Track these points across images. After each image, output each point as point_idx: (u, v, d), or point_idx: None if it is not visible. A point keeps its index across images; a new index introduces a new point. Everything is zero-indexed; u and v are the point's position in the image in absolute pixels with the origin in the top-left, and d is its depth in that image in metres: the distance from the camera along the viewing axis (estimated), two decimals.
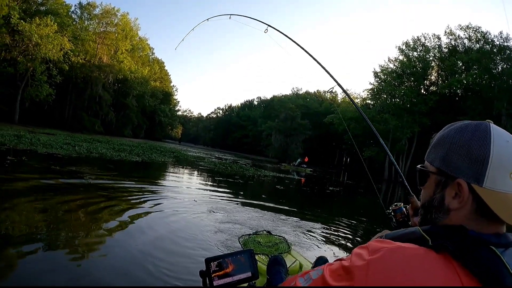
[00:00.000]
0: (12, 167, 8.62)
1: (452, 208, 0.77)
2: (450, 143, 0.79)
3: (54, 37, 36.66)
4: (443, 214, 0.79)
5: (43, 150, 13.20)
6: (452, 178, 0.77)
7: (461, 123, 0.81)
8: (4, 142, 13.35)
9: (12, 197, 5.77)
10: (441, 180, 0.80)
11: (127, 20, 55.16)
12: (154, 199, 7.49)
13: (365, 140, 52.92)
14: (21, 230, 4.25)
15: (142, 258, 3.90)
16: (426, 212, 0.85)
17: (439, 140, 0.83)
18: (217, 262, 1.36)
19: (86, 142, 20.38)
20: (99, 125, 49.43)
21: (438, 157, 0.81)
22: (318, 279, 0.80)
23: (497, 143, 0.73)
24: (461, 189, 0.75)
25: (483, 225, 0.74)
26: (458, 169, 0.76)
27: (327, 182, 23.29)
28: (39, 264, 3.35)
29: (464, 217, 0.75)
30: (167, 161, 19.39)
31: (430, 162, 0.85)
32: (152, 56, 77.78)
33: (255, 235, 3.65)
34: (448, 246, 0.69)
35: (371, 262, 0.70)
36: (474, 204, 0.74)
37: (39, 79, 37.58)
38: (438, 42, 49.08)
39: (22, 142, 14.48)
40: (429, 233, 0.75)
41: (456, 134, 0.78)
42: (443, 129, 0.85)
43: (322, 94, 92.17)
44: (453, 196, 0.77)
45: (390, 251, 0.71)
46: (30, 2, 39.73)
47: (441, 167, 0.80)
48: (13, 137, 15.77)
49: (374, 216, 10.17)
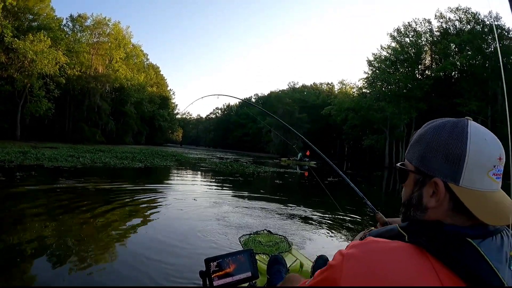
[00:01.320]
0: (22, 181, 9.08)
1: (430, 206, 0.78)
2: (427, 141, 0.79)
3: (49, 52, 37.09)
4: (421, 212, 0.80)
5: (49, 164, 13.66)
6: (429, 177, 0.78)
7: (440, 121, 0.82)
8: (11, 159, 13.78)
9: (24, 209, 6.24)
10: (419, 179, 0.81)
11: (119, 29, 55.49)
12: (156, 202, 7.90)
13: (364, 129, 53.22)
14: (33, 241, 4.46)
15: (142, 258, 4.05)
16: (406, 210, 0.86)
17: (418, 138, 0.83)
18: (217, 262, 1.40)
19: (89, 153, 20.84)
20: (100, 135, 49.89)
21: (416, 156, 0.82)
22: (311, 281, 0.86)
23: (474, 141, 0.73)
24: (438, 188, 0.75)
25: (460, 222, 0.75)
26: (435, 168, 0.77)
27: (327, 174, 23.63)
28: (48, 270, 3.52)
29: (442, 214, 0.76)
30: (169, 165, 19.81)
31: (409, 161, 0.85)
32: (147, 62, 78.52)
33: (256, 235, 3.65)
34: (422, 241, 0.71)
35: (345, 255, 0.74)
36: (451, 203, 0.75)
37: (38, 95, 38.09)
38: (429, 26, 49.41)
39: (28, 158, 14.93)
40: (406, 230, 0.77)
41: (434, 133, 0.79)
42: (422, 127, 0.85)
43: (319, 86, 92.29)
44: (430, 194, 0.78)
45: (363, 245, 0.74)
46: (22, 19, 39.95)
47: (418, 166, 0.81)
48: (19, 153, 16.22)
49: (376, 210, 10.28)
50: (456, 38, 43.26)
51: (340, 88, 77.31)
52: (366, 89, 55.37)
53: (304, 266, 2.89)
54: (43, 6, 41.29)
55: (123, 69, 54.81)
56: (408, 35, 50.18)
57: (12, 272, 3.45)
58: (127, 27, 59.04)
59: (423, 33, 49.62)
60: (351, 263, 0.72)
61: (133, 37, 69.83)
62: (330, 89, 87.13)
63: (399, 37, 50.41)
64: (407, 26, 50.05)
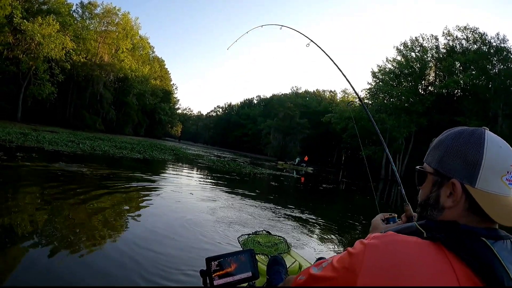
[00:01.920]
0: (22, 161, 9.22)
1: (446, 206, 0.83)
2: (446, 146, 0.86)
3: (56, 37, 37.09)
4: (438, 211, 0.86)
5: (49, 147, 13.77)
6: (447, 178, 0.84)
7: (459, 128, 0.88)
8: (12, 140, 13.90)
9: (22, 190, 6.40)
10: (437, 180, 0.87)
11: (128, 19, 55.61)
12: (154, 195, 7.98)
13: (363, 139, 53.35)
14: (28, 225, 4.47)
15: (142, 258, 3.93)
16: (422, 210, 0.92)
17: (437, 143, 0.90)
18: (217, 261, 1.40)
19: (89, 140, 20.92)
20: (100, 123, 50.03)
21: (435, 159, 0.89)
22: (328, 266, 0.88)
23: (490, 148, 0.80)
24: (455, 188, 0.81)
25: (475, 222, 0.80)
26: (453, 170, 0.83)
27: (322, 180, 23.75)
28: (43, 261, 3.40)
29: (457, 214, 0.82)
30: (167, 158, 19.91)
31: (428, 164, 0.92)
32: (153, 55, 78.44)
33: (255, 235, 3.63)
34: (440, 237, 0.76)
35: (368, 245, 0.79)
36: (467, 203, 0.81)
37: (42, 78, 38.09)
38: (436, 43, 49.53)
39: (28, 139, 15.03)
40: (424, 227, 0.83)
41: (453, 138, 0.85)
42: (442, 134, 0.92)
43: (322, 93, 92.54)
44: (447, 195, 0.83)
45: (385, 236, 0.80)
46: (32, 1, 40.11)
47: (437, 168, 0.87)
48: (19, 134, 16.35)
49: (372, 216, 10.33)
50: (461, 56, 43.47)
51: (343, 96, 77.53)
52: (368, 100, 55.56)
53: (303, 267, 2.85)
54: None
55: (129, 60, 54.86)
56: (414, 50, 50.32)
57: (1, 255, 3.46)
58: (136, 18, 59.19)
59: (429, 49, 49.73)
60: (373, 253, 0.77)
61: (141, 29, 70.09)
62: (332, 97, 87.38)
63: (405, 51, 50.56)
64: (414, 41, 50.20)
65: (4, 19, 33.57)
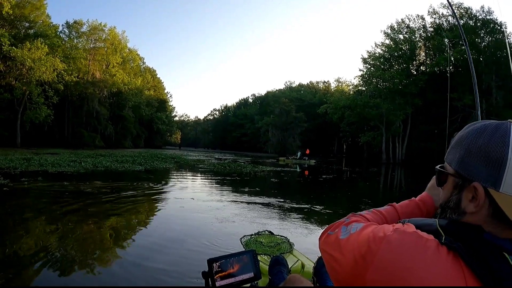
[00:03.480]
0: (29, 185, 9.54)
1: (468, 211, 0.76)
2: (467, 144, 0.77)
3: (46, 59, 37.36)
4: (458, 215, 0.79)
5: (53, 170, 14.10)
6: (468, 181, 0.76)
7: (482, 123, 0.79)
8: (16, 166, 14.23)
9: (30, 211, 6.71)
10: (458, 183, 0.79)
11: (115, 34, 55.89)
12: (156, 203, 8.31)
13: (362, 126, 53.66)
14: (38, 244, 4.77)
15: (141, 258, 4.14)
16: (442, 212, 0.85)
17: (458, 141, 0.81)
18: (219, 262, 1.41)
19: (90, 158, 21.29)
20: (99, 140, 50.31)
21: (455, 159, 0.80)
22: (352, 237, 0.84)
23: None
24: (477, 193, 0.73)
25: (499, 229, 0.72)
26: (475, 173, 0.74)
27: (323, 172, 24.00)
28: (49, 272, 3.62)
29: (479, 220, 0.74)
30: (169, 167, 20.25)
31: (448, 163, 0.84)
32: (143, 66, 78.92)
33: (257, 236, 3.62)
34: (457, 248, 0.69)
35: (386, 238, 0.74)
36: (491, 209, 0.73)
37: (37, 102, 38.38)
38: (423, 23, 49.76)
39: (32, 164, 15.39)
40: (444, 229, 0.75)
41: (475, 136, 0.76)
42: (463, 129, 0.83)
43: (315, 85, 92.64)
44: (469, 199, 0.76)
45: (405, 234, 0.73)
46: (18, 27, 40.32)
47: (458, 170, 0.79)
48: (22, 160, 16.69)
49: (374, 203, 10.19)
50: (449, 33, 43.69)
51: (337, 86, 77.77)
52: (362, 86, 55.86)
53: (305, 267, 2.91)
54: (39, 13, 41.53)
55: (120, 74, 55.14)
56: (401, 32, 50.62)
57: (13, 272, 3.61)
58: (123, 31, 59.42)
59: (417, 30, 50.00)
60: (389, 247, 0.72)
61: (129, 42, 70.41)
62: (326, 88, 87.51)
63: (393, 34, 50.81)
64: (400, 23, 50.48)
65: None
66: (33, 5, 40.37)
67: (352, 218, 0.97)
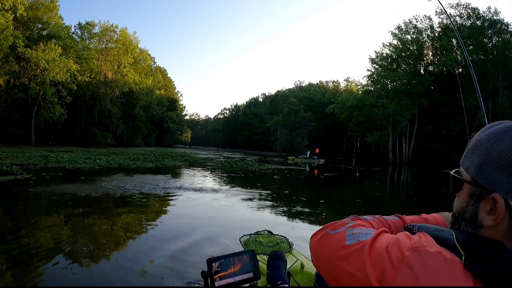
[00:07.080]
0: (51, 180, 10.37)
1: (486, 225, 0.66)
2: (487, 149, 0.67)
3: (60, 60, 38.46)
4: (474, 228, 0.69)
5: (70, 166, 15.03)
6: (487, 191, 0.66)
7: (502, 124, 0.68)
8: (35, 163, 15.19)
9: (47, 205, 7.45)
10: (476, 192, 0.69)
11: (126, 35, 56.91)
12: (162, 201, 8.46)
13: (370, 126, 53.91)
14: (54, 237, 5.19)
15: (141, 258, 4.19)
16: (456, 222, 0.75)
17: (476, 144, 0.71)
18: (218, 262, 1.40)
19: (104, 155, 22.34)
20: (111, 138, 51.47)
21: (473, 165, 0.70)
22: (365, 243, 0.70)
23: None
24: (497, 205, 0.63)
25: None
26: (495, 182, 0.64)
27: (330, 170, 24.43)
28: (58, 267, 3.71)
29: (498, 235, 0.65)
30: (178, 164, 20.95)
31: (465, 169, 0.73)
32: (154, 66, 79.92)
33: (256, 235, 3.51)
34: (479, 272, 0.59)
35: (406, 260, 0.62)
36: (511, 224, 0.63)
37: (51, 101, 39.58)
38: (430, 23, 49.90)
39: (49, 161, 16.35)
40: (464, 247, 0.64)
41: (494, 140, 0.66)
42: (481, 130, 0.73)
43: (325, 84, 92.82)
44: (487, 211, 0.66)
45: (429, 255, 0.61)
46: (32, 28, 41.44)
47: (476, 178, 0.69)
48: (40, 157, 17.73)
49: (377, 203, 10.46)
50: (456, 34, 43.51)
51: (346, 85, 77.98)
52: (370, 86, 56.08)
53: (305, 266, 2.82)
54: (52, 15, 42.69)
55: (132, 74, 56.25)
56: (409, 32, 50.82)
57: (20, 268, 3.71)
58: (134, 32, 60.75)
59: (424, 30, 50.18)
60: (410, 272, 0.60)
61: (140, 42, 71.43)
62: (336, 87, 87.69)
63: (401, 35, 51.03)
64: (408, 24, 50.69)
65: (8, 49, 34.82)
66: (46, 7, 41.52)
67: (356, 222, 0.85)
